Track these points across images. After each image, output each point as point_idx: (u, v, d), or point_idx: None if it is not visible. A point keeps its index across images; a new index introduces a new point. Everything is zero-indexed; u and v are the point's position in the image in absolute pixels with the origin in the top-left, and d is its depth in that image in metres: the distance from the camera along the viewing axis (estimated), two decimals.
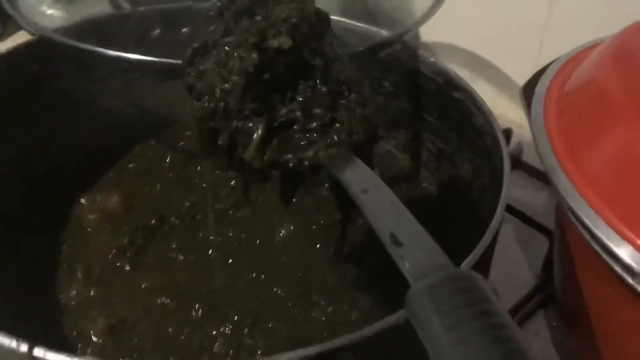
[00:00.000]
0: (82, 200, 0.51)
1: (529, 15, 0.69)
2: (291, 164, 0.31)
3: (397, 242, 0.26)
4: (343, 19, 0.54)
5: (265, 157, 0.31)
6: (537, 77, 0.49)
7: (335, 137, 0.31)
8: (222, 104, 0.30)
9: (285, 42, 0.30)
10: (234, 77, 0.29)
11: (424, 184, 0.55)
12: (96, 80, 0.53)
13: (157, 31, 0.55)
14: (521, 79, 0.64)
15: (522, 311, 0.50)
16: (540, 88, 0.46)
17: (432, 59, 0.50)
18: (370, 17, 0.59)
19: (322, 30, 0.32)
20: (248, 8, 0.31)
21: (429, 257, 0.26)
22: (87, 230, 0.49)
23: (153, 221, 0.49)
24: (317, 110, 0.31)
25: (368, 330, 0.28)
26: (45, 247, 0.47)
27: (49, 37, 0.46)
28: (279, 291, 0.44)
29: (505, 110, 0.74)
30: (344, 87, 0.31)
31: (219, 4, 0.32)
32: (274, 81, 0.30)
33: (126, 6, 0.57)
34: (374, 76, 0.54)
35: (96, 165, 0.53)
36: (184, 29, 0.55)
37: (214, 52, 0.31)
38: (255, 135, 0.30)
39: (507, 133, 0.64)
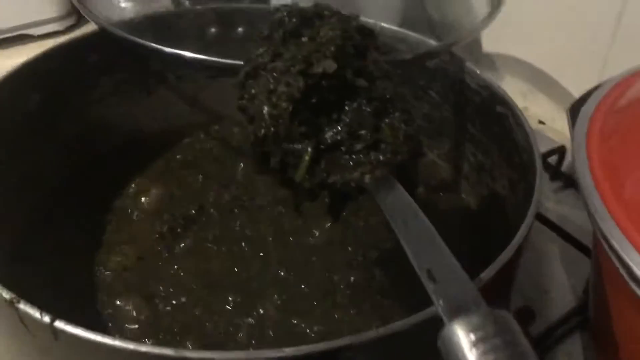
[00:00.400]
0: (131, 186, 0.53)
1: (594, 31, 0.67)
2: (338, 185, 0.31)
3: (432, 278, 0.27)
4: (393, 27, 0.54)
5: (314, 179, 0.32)
6: (586, 97, 0.48)
7: (381, 157, 0.31)
8: (272, 129, 0.31)
9: (329, 66, 0.30)
10: (282, 104, 0.30)
11: (463, 195, 0.55)
12: (152, 74, 0.56)
13: (213, 29, 0.57)
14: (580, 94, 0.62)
15: (558, 331, 0.49)
16: (588, 108, 0.45)
17: (478, 72, 0.50)
18: (432, 28, 0.59)
19: (366, 46, 0.33)
20: (296, 29, 0.32)
21: (462, 295, 0.27)
22: (130, 215, 0.51)
23: (193, 211, 0.51)
24: (362, 132, 0.31)
25: (372, 334, 0.29)
26: (89, 227, 0.49)
27: (109, 30, 0.48)
28: (306, 289, 0.45)
29: (564, 127, 0.72)
30: (388, 105, 0.32)
31: (267, 28, 0.33)
32: (321, 103, 0.31)
33: (185, 3, 0.59)
34: (420, 85, 0.54)
35: (146, 154, 0.56)
36: (239, 29, 0.57)
37: (263, 77, 0.32)
38: (304, 158, 0.31)
39: (562, 150, 0.63)
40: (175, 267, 0.47)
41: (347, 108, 0.32)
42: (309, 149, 0.31)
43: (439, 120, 0.55)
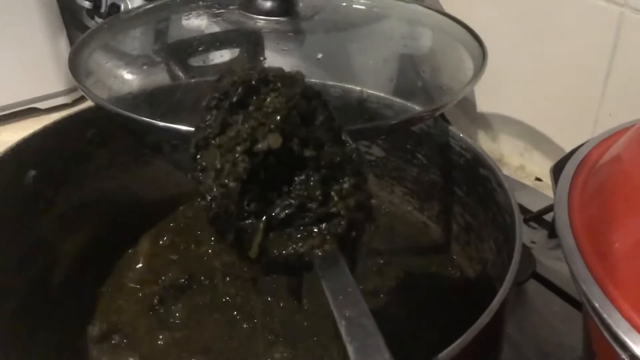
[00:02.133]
0: (125, 256, 0.54)
1: (584, 88, 0.69)
2: (292, 259, 0.31)
3: None
4: (379, 94, 0.56)
5: (269, 254, 0.31)
6: (569, 155, 0.48)
7: (331, 229, 0.31)
8: (222, 207, 0.31)
9: (275, 141, 0.30)
10: (230, 184, 0.30)
11: (454, 256, 0.55)
12: (147, 145, 0.58)
13: None
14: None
15: None
16: (570, 167, 0.45)
17: (461, 135, 0.51)
18: (427, 92, 0.61)
19: (313, 110, 0.32)
20: (241, 99, 0.32)
21: None
22: (124, 285, 0.52)
23: (183, 280, 0.51)
24: (312, 205, 0.31)
25: None
26: (82, 299, 0.50)
27: (104, 106, 0.50)
28: (291, 355, 0.45)
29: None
30: (337, 171, 0.32)
31: (213, 98, 0.33)
32: (270, 177, 0.31)
33: (181, 76, 0.61)
34: (408, 148, 0.56)
35: (142, 223, 0.57)
36: None
37: (211, 150, 0.32)
38: (256, 236, 0.31)
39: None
40: (167, 337, 0.47)
41: (296, 179, 0.31)
42: (261, 226, 0.31)
43: (428, 183, 0.55)
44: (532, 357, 0.52)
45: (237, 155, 0.30)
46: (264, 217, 0.31)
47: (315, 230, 0.31)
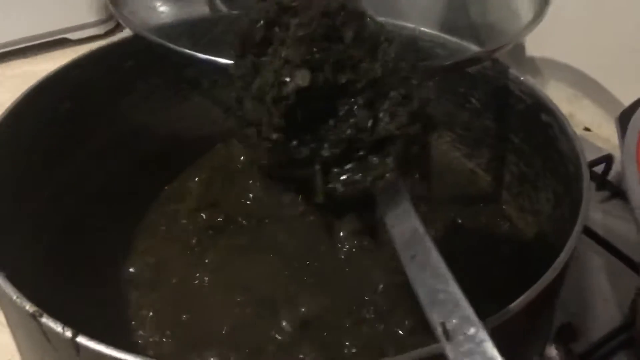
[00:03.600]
0: (161, 194, 0.53)
1: None
2: (358, 195, 0.28)
3: (447, 335, 0.24)
4: (432, 31, 0.53)
5: (334, 197, 0.28)
6: (637, 105, 0.45)
7: (388, 160, 0.28)
8: (274, 161, 0.28)
9: (302, 78, 0.27)
10: (272, 136, 0.27)
11: (503, 207, 0.52)
12: (186, 79, 0.55)
13: None
14: (629, 101, 0.59)
15: (603, 349, 0.47)
16: (638, 117, 0.43)
17: (522, 78, 0.48)
18: (475, 32, 0.57)
19: (340, 27, 0.28)
20: (265, 38, 0.28)
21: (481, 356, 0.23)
22: (159, 225, 0.50)
23: (220, 219, 0.50)
24: (363, 135, 0.28)
25: None
26: (119, 237, 0.49)
27: (143, 35, 0.48)
28: (334, 301, 0.43)
29: (612, 134, 0.69)
30: (383, 88, 0.28)
31: (237, 43, 0.30)
32: (316, 113, 0.28)
33: (222, 8, 0.58)
34: (460, 92, 0.52)
35: (179, 161, 0.55)
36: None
37: (247, 105, 0.29)
38: (316, 181, 0.28)
39: (609, 159, 0.60)
40: (202, 277, 0.46)
41: (340, 110, 0.28)
42: (318, 170, 0.28)
43: (480, 129, 0.53)
44: (577, 311, 0.50)
45: (269, 105, 0.27)
46: (318, 159, 0.28)
47: (375, 159, 0.28)
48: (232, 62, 0.30)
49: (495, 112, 0.51)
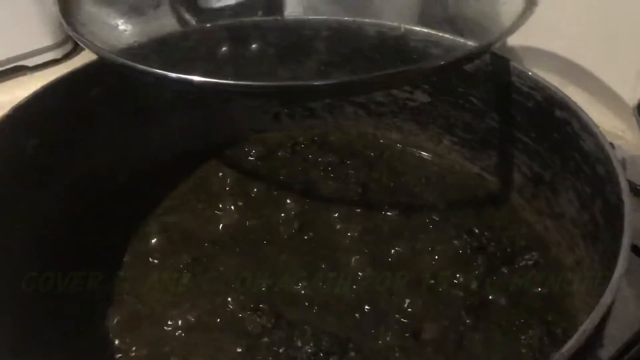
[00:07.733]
0: (144, 225, 0.48)
1: (633, 18, 0.62)
2: None
3: None
4: (426, 29, 0.49)
5: None
6: None
7: None
8: None
9: None
10: None
11: (519, 211, 0.48)
12: (158, 101, 0.51)
13: (225, 48, 0.51)
14: (619, 86, 0.56)
15: (630, 354, 0.44)
16: None
17: (529, 73, 0.44)
18: (452, 24, 0.54)
19: None
20: None
21: None
22: (147, 259, 0.46)
23: (206, 244, 0.46)
24: None
25: None
26: (105, 273, 0.44)
27: (109, 58, 0.43)
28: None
29: (601, 121, 0.67)
30: None
31: None
32: None
33: (192, 22, 0.54)
34: (459, 92, 0.49)
35: (158, 186, 0.51)
36: (252, 46, 0.52)
37: None
38: None
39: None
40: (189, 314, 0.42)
41: None
42: None
43: (483, 130, 0.49)
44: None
45: None
46: None
47: None
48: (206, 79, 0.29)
49: (500, 111, 0.47)
